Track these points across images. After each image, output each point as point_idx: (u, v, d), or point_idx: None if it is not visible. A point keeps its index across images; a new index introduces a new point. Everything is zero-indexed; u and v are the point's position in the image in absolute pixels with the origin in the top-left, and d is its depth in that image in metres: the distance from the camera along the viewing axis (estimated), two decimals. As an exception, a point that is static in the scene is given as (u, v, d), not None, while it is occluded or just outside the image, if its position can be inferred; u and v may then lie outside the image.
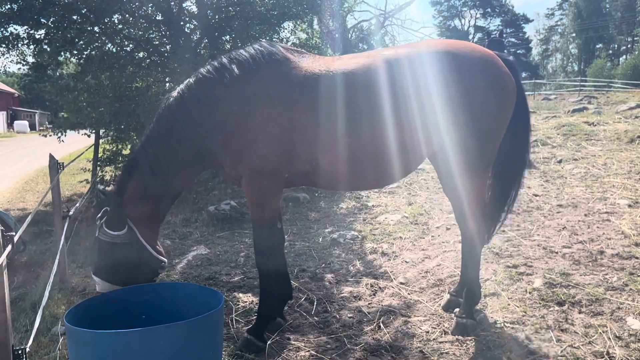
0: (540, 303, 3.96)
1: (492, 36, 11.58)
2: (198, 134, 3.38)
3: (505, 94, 3.41)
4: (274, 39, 9.95)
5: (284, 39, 11.12)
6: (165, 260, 3.48)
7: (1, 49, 9.54)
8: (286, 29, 11.32)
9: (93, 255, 3.34)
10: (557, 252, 5.00)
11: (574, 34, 63.72)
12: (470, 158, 3.39)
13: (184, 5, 9.96)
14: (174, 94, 3.48)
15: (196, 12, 9.97)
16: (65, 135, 10.49)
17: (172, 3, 9.41)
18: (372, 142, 3.27)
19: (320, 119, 3.27)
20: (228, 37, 10.05)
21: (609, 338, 3.36)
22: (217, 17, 9.50)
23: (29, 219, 3.50)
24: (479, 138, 3.36)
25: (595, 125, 12.22)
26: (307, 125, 3.29)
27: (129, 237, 3.27)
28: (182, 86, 3.49)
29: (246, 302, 4.31)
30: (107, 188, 9.77)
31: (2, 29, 9.19)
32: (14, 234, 2.63)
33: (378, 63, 3.33)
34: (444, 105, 3.25)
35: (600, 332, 3.44)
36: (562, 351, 3.26)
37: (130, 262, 3.25)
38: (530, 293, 4.14)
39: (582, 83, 35.80)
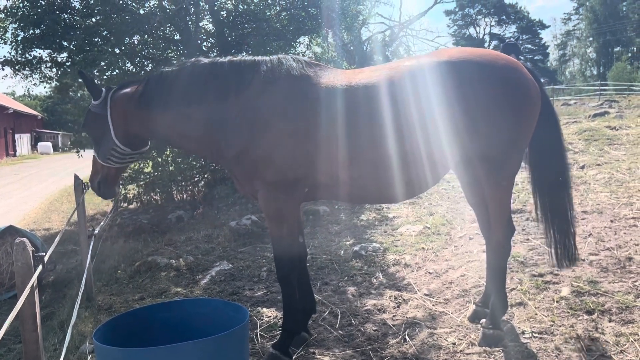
0: (568, 312, 3.89)
1: (506, 41, 11.51)
2: (215, 103, 3.45)
3: (530, 100, 3.38)
4: (290, 54, 10.07)
5: (300, 54, 11.24)
6: (129, 150, 3.62)
7: (25, 71, 9.82)
8: (302, 43, 11.45)
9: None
10: (583, 260, 4.91)
11: (591, 38, 62.98)
12: (494, 167, 3.37)
13: (200, 24, 10.14)
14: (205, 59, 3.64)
15: (213, 31, 10.13)
16: (84, 151, 10.69)
17: (190, 23, 9.58)
18: (399, 155, 3.23)
19: (343, 133, 3.24)
20: (245, 54, 10.19)
21: (642, 347, 3.28)
22: (233, 34, 9.65)
23: (57, 239, 3.56)
24: (504, 146, 3.33)
25: (618, 129, 12.02)
26: (327, 140, 3.28)
27: (99, 109, 3.58)
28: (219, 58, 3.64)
29: (270, 316, 4.31)
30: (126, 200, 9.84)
31: (26, 53, 9.46)
32: (44, 254, 2.68)
33: (402, 75, 3.30)
34: (470, 114, 3.22)
35: (631, 341, 3.37)
36: (593, 361, 3.19)
37: (93, 131, 3.64)
38: (557, 302, 4.07)
39: (602, 87, 35.30)
